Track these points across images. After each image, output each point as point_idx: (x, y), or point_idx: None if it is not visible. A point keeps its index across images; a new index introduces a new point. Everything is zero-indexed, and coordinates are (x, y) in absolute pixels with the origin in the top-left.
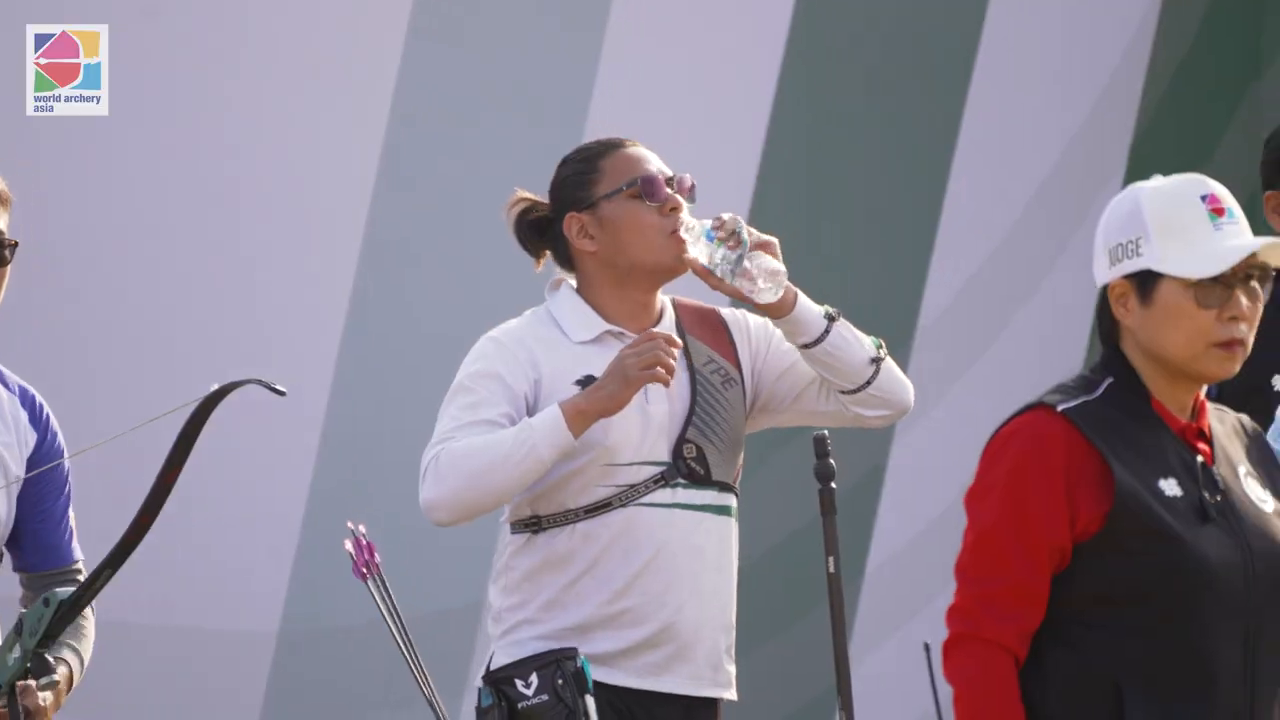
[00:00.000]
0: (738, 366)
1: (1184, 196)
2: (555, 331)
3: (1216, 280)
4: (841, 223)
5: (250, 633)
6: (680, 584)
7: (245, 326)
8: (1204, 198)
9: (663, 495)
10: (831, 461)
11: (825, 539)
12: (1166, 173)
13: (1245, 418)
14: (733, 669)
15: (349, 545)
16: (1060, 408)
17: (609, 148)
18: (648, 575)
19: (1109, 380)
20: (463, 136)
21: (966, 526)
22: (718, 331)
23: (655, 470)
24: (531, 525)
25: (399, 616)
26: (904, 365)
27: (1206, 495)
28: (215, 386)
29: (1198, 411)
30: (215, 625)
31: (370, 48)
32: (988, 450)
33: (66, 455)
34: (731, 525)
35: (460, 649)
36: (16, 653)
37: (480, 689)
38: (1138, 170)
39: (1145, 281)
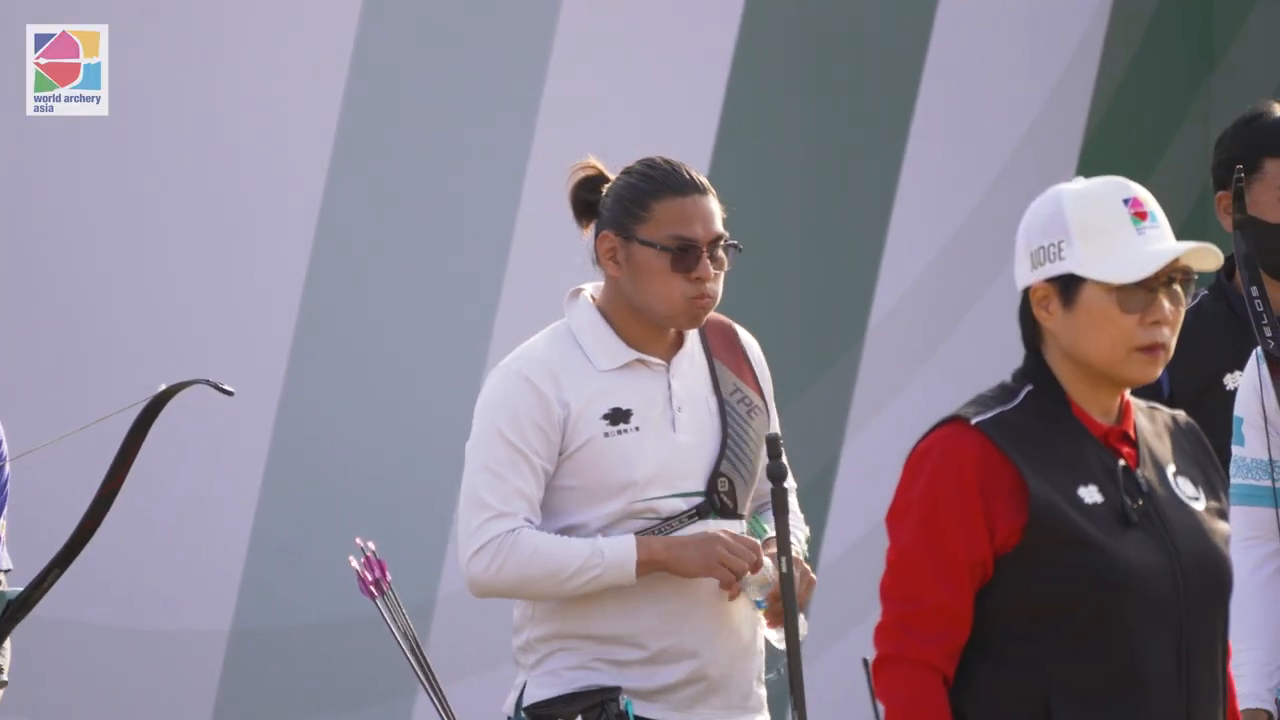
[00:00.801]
0: (760, 393)
1: (1106, 200)
2: (579, 355)
3: (1139, 284)
4: (792, 223)
5: (201, 632)
6: (714, 620)
7: (207, 325)
8: (1126, 201)
9: (694, 529)
10: (784, 462)
11: (778, 539)
12: (1119, 173)
13: (1180, 414)
14: (763, 691)
15: (355, 563)
16: (974, 420)
17: (667, 190)
18: (682, 614)
19: (1028, 388)
20: (415, 132)
21: (889, 546)
22: (737, 354)
23: (688, 504)
24: None
25: (413, 636)
26: (854, 365)
27: (1128, 500)
28: (163, 387)
29: (1122, 414)
30: (166, 625)
31: (340, 45)
32: (906, 467)
33: (8, 461)
34: None
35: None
36: None
37: (511, 719)
38: (1089, 170)
39: (1068, 285)
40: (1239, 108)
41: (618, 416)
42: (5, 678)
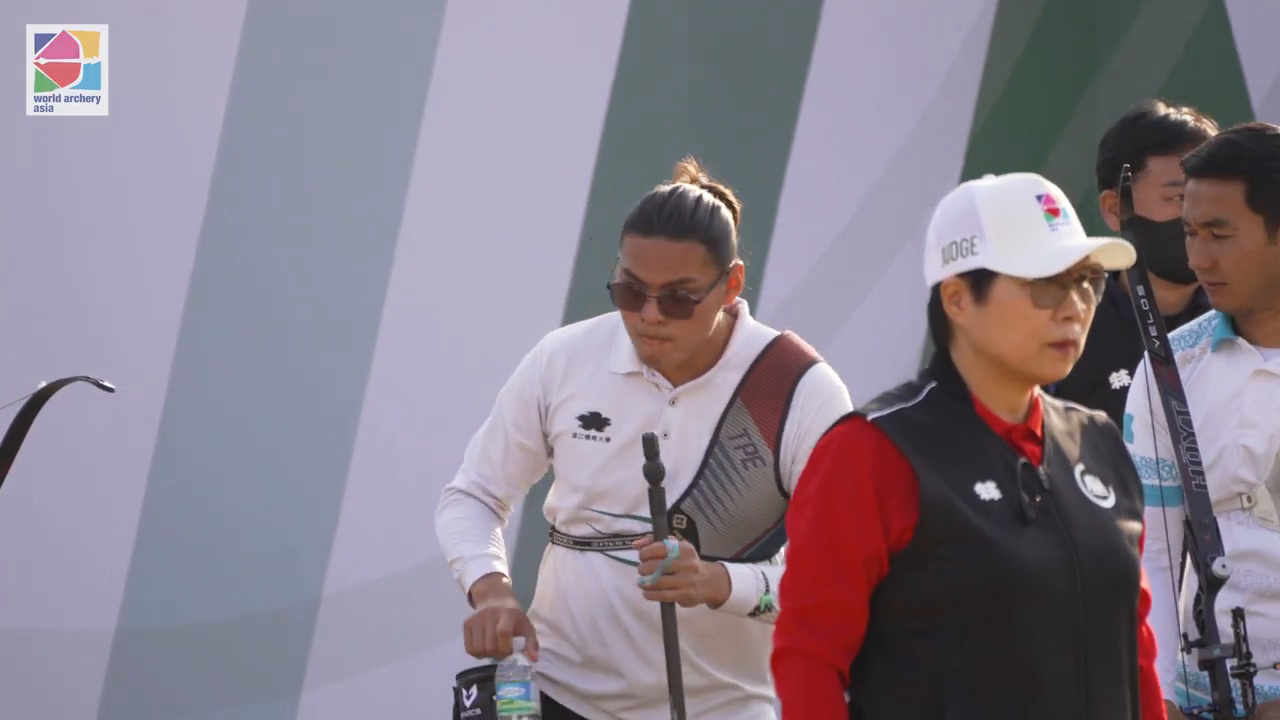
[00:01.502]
0: (774, 448)
1: (1020, 196)
2: (604, 349)
3: (1051, 281)
4: None
5: (86, 631)
6: (646, 646)
7: (84, 319)
8: (1039, 197)
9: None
10: (661, 462)
11: (655, 538)
12: (1003, 171)
13: (1099, 415)
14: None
15: None
16: (871, 417)
17: (636, 226)
18: (614, 632)
19: (931, 385)
20: (301, 128)
21: (787, 542)
22: (777, 400)
23: (642, 528)
24: (549, 533)
25: None
26: None
27: (1025, 496)
28: (43, 384)
29: (1031, 412)
30: (48, 624)
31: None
32: (808, 463)
33: None
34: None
35: (293, 646)
36: None
37: None
38: (975, 168)
39: (980, 280)
40: (1123, 108)
41: (593, 421)
42: None
